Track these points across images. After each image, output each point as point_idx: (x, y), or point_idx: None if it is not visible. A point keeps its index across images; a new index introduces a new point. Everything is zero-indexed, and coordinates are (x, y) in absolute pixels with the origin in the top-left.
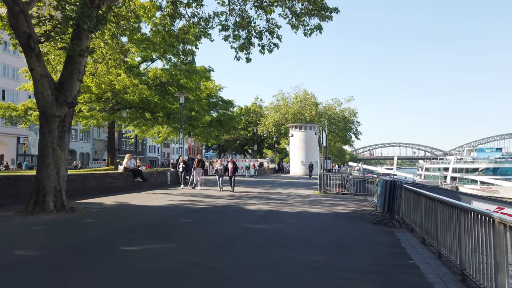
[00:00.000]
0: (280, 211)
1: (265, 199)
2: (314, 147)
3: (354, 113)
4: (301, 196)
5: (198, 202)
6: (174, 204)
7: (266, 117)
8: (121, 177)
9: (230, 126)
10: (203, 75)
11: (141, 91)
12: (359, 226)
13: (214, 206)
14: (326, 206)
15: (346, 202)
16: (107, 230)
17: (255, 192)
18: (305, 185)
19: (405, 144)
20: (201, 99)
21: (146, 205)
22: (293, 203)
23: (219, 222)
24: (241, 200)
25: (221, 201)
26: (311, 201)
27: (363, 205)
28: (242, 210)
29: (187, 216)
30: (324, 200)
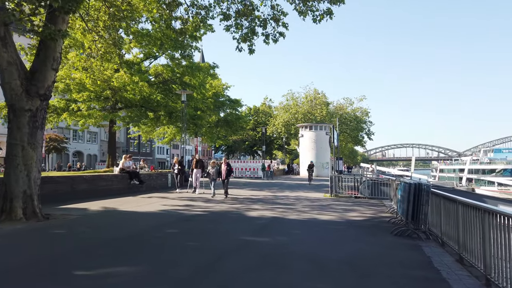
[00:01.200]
0: (285, 219)
1: (270, 204)
2: (325, 148)
3: (366, 112)
4: (310, 200)
5: (194, 208)
6: (166, 210)
7: (276, 117)
8: (115, 180)
9: (237, 126)
10: (207, 72)
11: (141, 88)
12: (377, 238)
13: (211, 213)
14: (338, 212)
15: (360, 207)
16: (72, 244)
17: (260, 196)
18: (314, 188)
19: (418, 145)
20: (206, 98)
21: (135, 212)
22: (300, 209)
23: (211, 233)
24: (243, 205)
25: (221, 207)
26: (320, 206)
27: (380, 210)
28: (242, 217)
29: (175, 226)
30: (336, 205)
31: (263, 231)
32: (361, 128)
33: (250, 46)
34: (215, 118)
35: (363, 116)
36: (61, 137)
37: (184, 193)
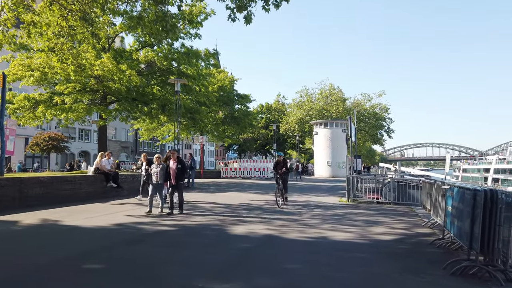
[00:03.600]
0: (282, 239)
1: (269, 213)
2: (341, 146)
3: (386, 109)
4: (322, 207)
5: (164, 220)
6: (125, 224)
7: (289, 114)
8: (85, 182)
9: (245, 123)
10: (207, 60)
11: (129, 78)
12: (427, 284)
13: (182, 228)
14: (358, 227)
15: (386, 218)
16: None
17: (261, 201)
18: (329, 190)
19: (438, 144)
20: (211, 91)
21: (79, 227)
22: (307, 221)
23: (154, 271)
24: (234, 213)
25: (203, 218)
26: (335, 216)
27: (413, 223)
28: (222, 236)
29: (109, 254)
30: (354, 214)
31: (239, 267)
32: (381, 126)
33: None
34: (222, 114)
35: (383, 113)
36: (62, 135)
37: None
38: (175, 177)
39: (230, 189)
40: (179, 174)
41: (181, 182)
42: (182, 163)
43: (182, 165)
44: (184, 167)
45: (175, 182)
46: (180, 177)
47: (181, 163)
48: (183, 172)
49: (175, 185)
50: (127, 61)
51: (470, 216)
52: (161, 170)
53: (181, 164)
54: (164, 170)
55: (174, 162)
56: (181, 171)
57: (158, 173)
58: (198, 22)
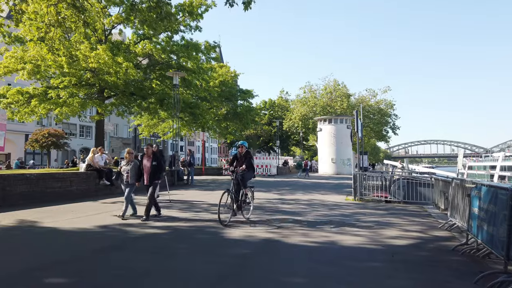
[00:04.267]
0: (282, 244)
1: (270, 213)
2: (346, 143)
3: (391, 105)
4: (327, 206)
5: (156, 221)
6: (110, 225)
7: (292, 111)
8: (76, 179)
9: (248, 119)
10: (207, 53)
11: (126, 71)
12: None
13: (173, 231)
14: (368, 229)
15: (397, 219)
16: None
17: (263, 200)
18: (334, 188)
19: (443, 141)
20: (212, 86)
21: (58, 229)
22: (312, 222)
23: (130, 286)
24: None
25: (197, 219)
26: (342, 217)
27: (428, 225)
28: (217, 240)
29: (80, 265)
30: (363, 214)
31: (232, 281)
32: (386, 122)
33: None
34: (224, 110)
35: (388, 109)
36: (62, 132)
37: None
38: (148, 176)
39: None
40: (154, 173)
41: (156, 181)
42: (157, 160)
43: (158, 162)
44: (160, 165)
45: (148, 182)
46: (155, 175)
47: (156, 159)
48: (159, 170)
49: (149, 185)
50: (123, 54)
51: (507, 220)
52: (132, 168)
53: (156, 161)
54: (135, 167)
55: (148, 158)
56: (156, 169)
57: (129, 171)
58: (198, 14)
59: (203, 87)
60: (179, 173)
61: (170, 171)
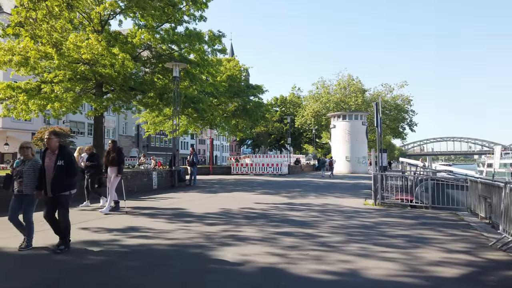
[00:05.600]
0: (290, 275)
1: (276, 224)
2: (361, 140)
3: (408, 100)
4: (344, 214)
5: (132, 237)
6: (78, 241)
7: (305, 107)
8: None
9: (258, 116)
10: (212, 44)
11: (122, 63)
12: None
13: (147, 253)
14: (399, 249)
15: (433, 232)
16: None
17: (269, 204)
18: (350, 189)
19: (460, 138)
20: (219, 81)
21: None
22: (326, 237)
23: None
24: (229, 224)
25: (182, 233)
26: (363, 230)
27: (474, 241)
28: (199, 268)
29: None
30: (388, 225)
31: None
32: (402, 118)
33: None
34: (233, 107)
35: (405, 105)
36: (67, 130)
37: (149, 201)
38: (51, 184)
39: (236, 188)
40: (59, 178)
41: (63, 193)
42: (66, 158)
43: (67, 161)
44: (70, 166)
45: (51, 193)
46: (61, 184)
47: (63, 157)
48: (69, 174)
49: (52, 198)
50: (119, 44)
51: None
52: (28, 170)
53: (63, 160)
54: (33, 170)
55: (52, 155)
56: (63, 172)
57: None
58: (203, 2)
59: (209, 81)
60: (180, 174)
61: (170, 171)
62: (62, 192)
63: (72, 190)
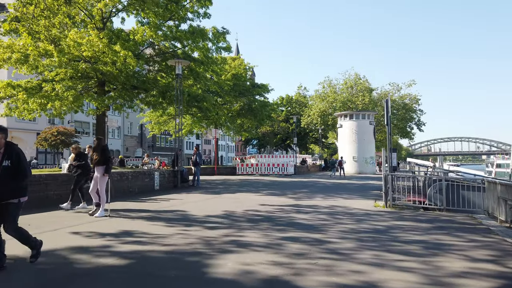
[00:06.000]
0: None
1: (281, 228)
2: (368, 140)
3: (416, 99)
4: (354, 216)
5: (125, 243)
6: (55, 251)
7: (311, 107)
8: (53, 183)
9: (263, 115)
10: (216, 42)
11: (124, 60)
12: None
13: (138, 260)
14: (417, 257)
15: (450, 237)
16: None
17: (274, 206)
18: (358, 190)
19: (467, 138)
20: (223, 79)
21: None
22: (335, 243)
23: None
24: (232, 228)
25: (180, 238)
26: (375, 235)
27: (498, 248)
28: (193, 281)
29: None
30: (402, 229)
31: None
32: (410, 118)
33: None
34: (238, 106)
35: (413, 104)
36: (71, 130)
37: (147, 203)
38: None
39: (241, 189)
40: (5, 182)
41: (11, 200)
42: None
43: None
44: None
45: None
46: (7, 189)
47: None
48: (17, 177)
49: None
50: (121, 42)
51: None
52: None
53: (10, 159)
54: None
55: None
56: (10, 174)
57: None
58: None
59: (213, 80)
60: (183, 174)
61: (173, 171)
62: (9, 199)
63: (22, 197)
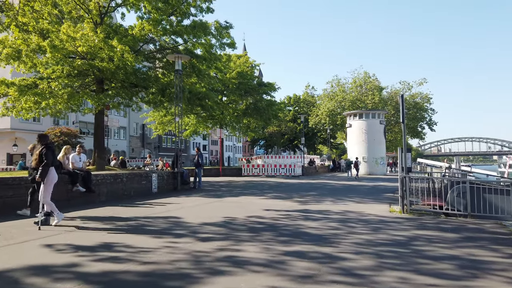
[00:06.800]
0: None
1: (286, 238)
2: (378, 140)
3: (427, 98)
4: (369, 224)
5: (97, 260)
6: (9, 272)
7: (319, 106)
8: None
9: (269, 114)
10: (219, 37)
11: (120, 56)
12: None
13: (110, 283)
14: (450, 280)
15: (485, 251)
16: None
17: (280, 212)
18: (370, 193)
19: (478, 138)
20: (228, 78)
21: None
22: (350, 259)
23: None
24: (229, 240)
25: (165, 254)
26: (397, 249)
27: None
28: None
29: None
30: (425, 241)
31: None
32: (421, 117)
33: None
34: (244, 106)
35: (424, 103)
36: (75, 130)
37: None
38: None
39: (244, 192)
40: None
41: None
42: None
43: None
44: None
45: None
46: None
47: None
48: None
49: None
50: (117, 36)
51: None
52: None
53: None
54: None
55: None
56: None
57: None
58: None
59: (217, 78)
60: (183, 176)
61: (173, 173)
62: None
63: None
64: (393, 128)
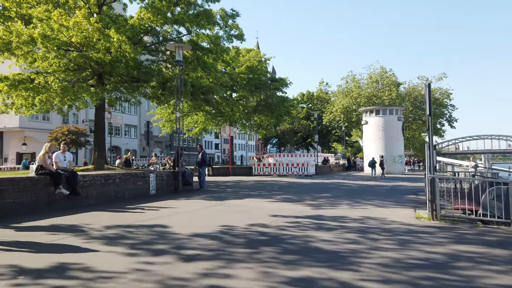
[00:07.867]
0: None
1: (291, 256)
2: (396, 137)
3: (447, 94)
4: (394, 236)
5: (64, 276)
6: None
7: (333, 103)
8: (12, 189)
9: (281, 111)
10: (225, 27)
11: (118, 47)
12: None
13: None
14: None
15: None
16: None
17: (288, 219)
18: (390, 194)
19: (498, 136)
20: (237, 72)
21: None
22: None
23: None
24: (221, 258)
25: (131, 280)
26: (433, 272)
27: None
28: None
29: None
30: (470, 262)
31: None
32: (441, 114)
33: None
34: (254, 102)
35: (444, 99)
36: (83, 129)
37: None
38: None
39: (251, 193)
40: None
41: None
42: None
43: None
44: None
45: None
46: None
47: None
48: None
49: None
50: (115, 26)
51: None
52: None
53: None
54: None
55: None
56: None
57: None
58: None
59: (226, 72)
60: (184, 176)
61: (173, 173)
62: None
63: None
64: (411, 125)
